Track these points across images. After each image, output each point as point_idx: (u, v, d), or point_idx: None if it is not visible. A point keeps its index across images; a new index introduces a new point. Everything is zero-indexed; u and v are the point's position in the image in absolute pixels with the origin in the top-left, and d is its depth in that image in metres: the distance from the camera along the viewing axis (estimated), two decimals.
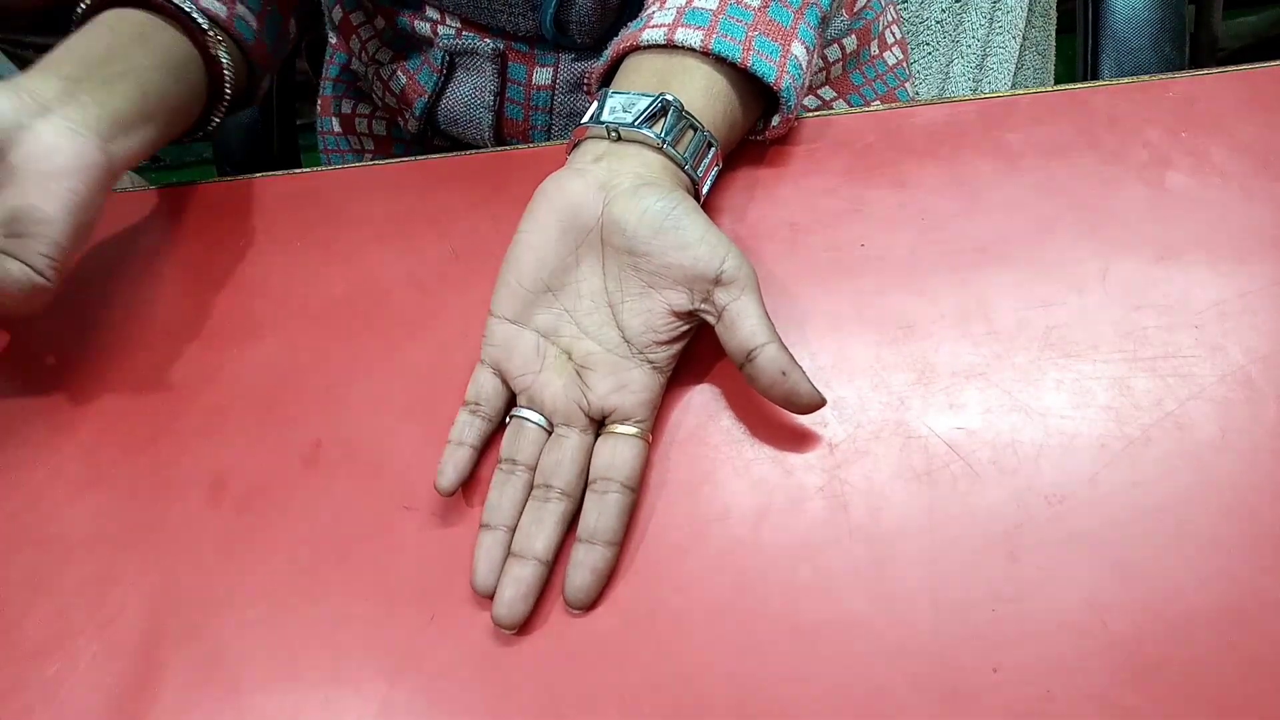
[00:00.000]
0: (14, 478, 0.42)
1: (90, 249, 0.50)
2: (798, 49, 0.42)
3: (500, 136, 0.61)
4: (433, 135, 0.66)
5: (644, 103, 0.39)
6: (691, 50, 0.41)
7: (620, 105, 0.40)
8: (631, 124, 0.39)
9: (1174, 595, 0.32)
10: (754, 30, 0.41)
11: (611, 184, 0.38)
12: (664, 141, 0.39)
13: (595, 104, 0.41)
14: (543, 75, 0.57)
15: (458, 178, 0.49)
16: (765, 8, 0.42)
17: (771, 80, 0.41)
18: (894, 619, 0.33)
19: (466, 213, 0.47)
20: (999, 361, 0.38)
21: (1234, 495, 0.34)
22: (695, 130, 0.40)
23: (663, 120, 0.39)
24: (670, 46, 0.41)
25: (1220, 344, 0.37)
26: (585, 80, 0.57)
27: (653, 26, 0.42)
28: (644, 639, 0.34)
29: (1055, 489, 0.34)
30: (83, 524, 0.40)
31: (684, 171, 0.40)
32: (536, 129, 0.60)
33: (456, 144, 0.64)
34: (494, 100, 0.58)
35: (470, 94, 0.59)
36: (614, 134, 0.40)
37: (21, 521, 0.41)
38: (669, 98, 0.39)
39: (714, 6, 0.42)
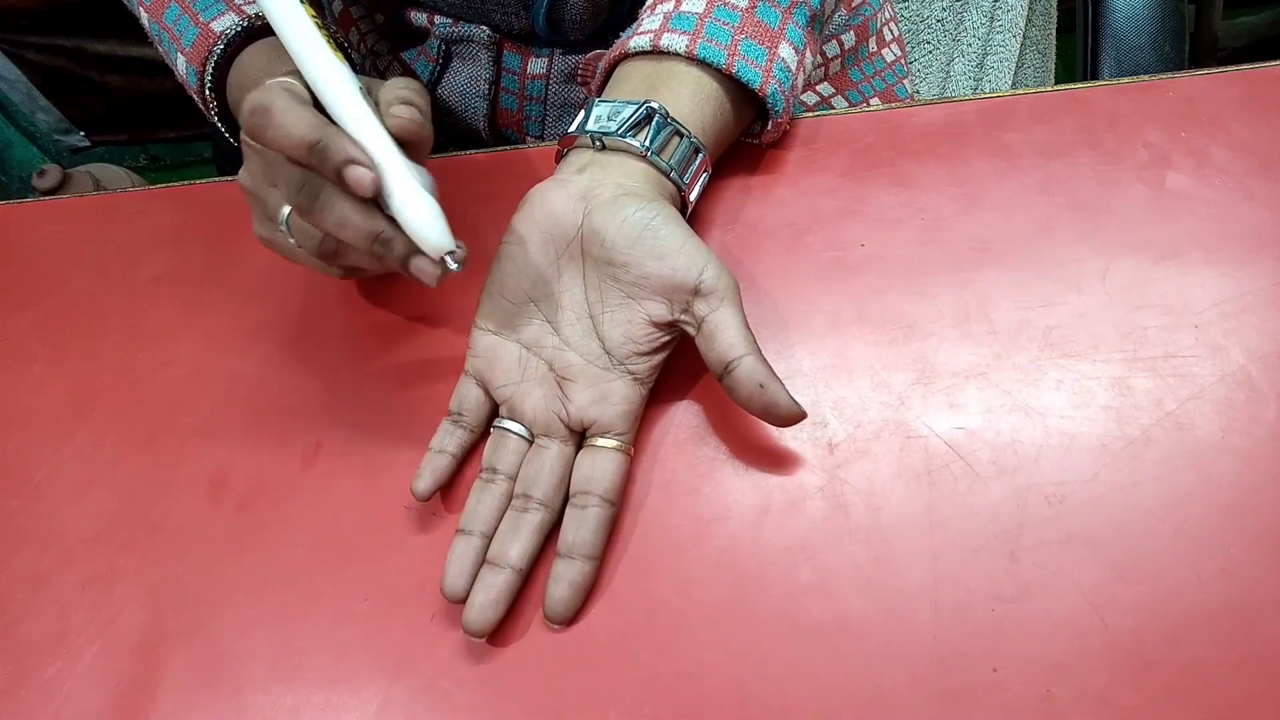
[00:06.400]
0: (14, 478, 0.42)
1: (90, 249, 0.50)
2: (785, 51, 0.42)
3: (495, 128, 0.61)
4: None
5: (629, 110, 0.39)
6: (678, 55, 0.41)
7: (605, 114, 0.40)
8: (615, 132, 0.39)
9: (1174, 595, 0.32)
10: (740, 34, 0.41)
11: (592, 194, 0.38)
12: (648, 149, 0.39)
13: (582, 113, 0.41)
14: (537, 65, 0.57)
15: (456, 178, 0.49)
16: (753, 8, 0.42)
17: (757, 86, 0.41)
18: (894, 619, 0.33)
19: (466, 213, 0.47)
20: (999, 361, 0.38)
21: (1234, 495, 0.34)
22: (681, 137, 0.40)
23: (647, 128, 0.39)
24: (657, 52, 0.41)
25: (1220, 344, 0.37)
26: (579, 71, 0.57)
27: (641, 33, 0.42)
28: (644, 639, 0.34)
29: (1055, 489, 0.34)
30: (83, 524, 0.40)
31: (669, 179, 0.39)
32: (531, 119, 0.60)
33: (452, 137, 0.64)
34: (489, 89, 0.58)
35: (466, 84, 0.59)
36: (598, 143, 0.39)
37: (21, 521, 0.41)
38: (653, 105, 0.39)
39: (700, 9, 0.42)
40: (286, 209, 0.38)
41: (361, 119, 0.35)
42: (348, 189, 0.34)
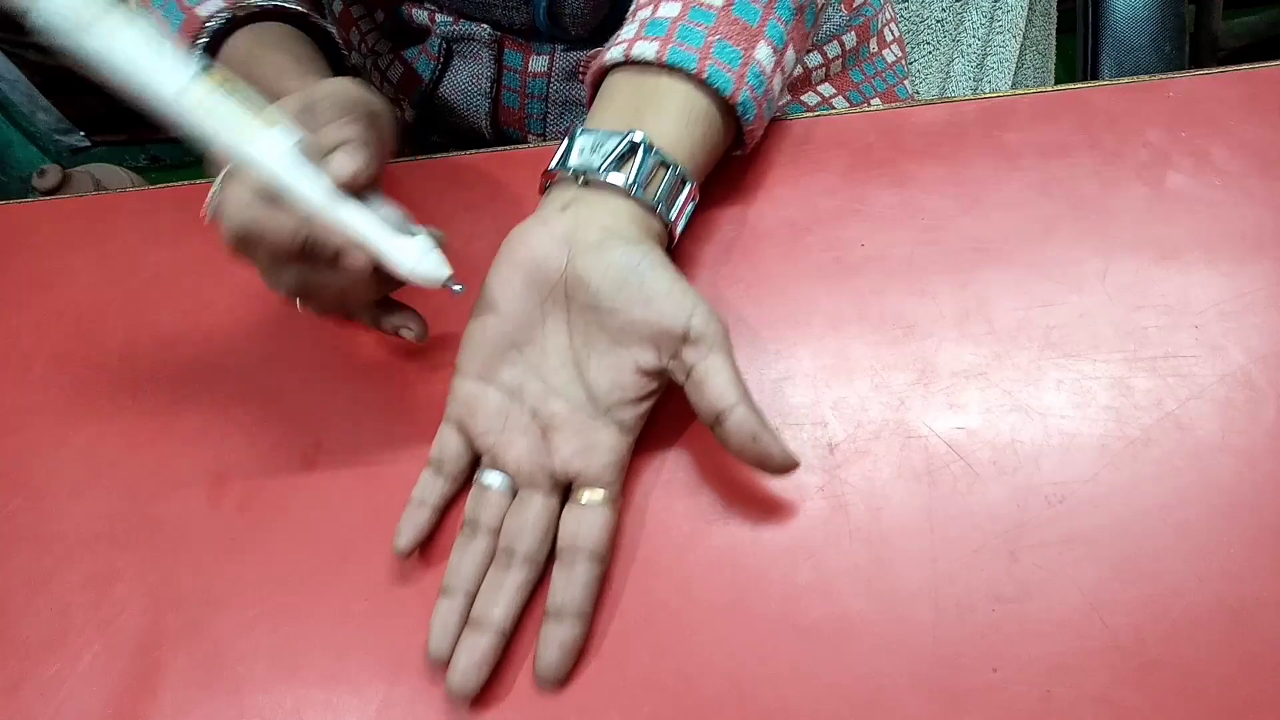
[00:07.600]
0: (14, 478, 0.42)
1: (90, 249, 0.50)
2: (762, 52, 0.40)
3: (497, 126, 0.61)
4: (430, 130, 0.66)
5: (612, 143, 0.38)
6: (657, 66, 0.39)
7: (589, 145, 0.38)
8: (598, 169, 0.37)
9: (1174, 595, 0.32)
10: (714, 35, 0.39)
11: (576, 237, 0.36)
12: (632, 187, 0.37)
13: (565, 142, 0.39)
14: (539, 63, 0.57)
15: (456, 179, 0.49)
16: (729, 6, 0.40)
17: (728, 94, 0.39)
18: (894, 619, 0.33)
19: (466, 213, 0.47)
20: (999, 361, 0.38)
21: (1234, 495, 0.34)
22: (667, 167, 0.38)
23: (632, 161, 0.37)
24: (629, 63, 0.40)
25: (1220, 344, 0.37)
26: (580, 69, 0.57)
27: (617, 44, 0.41)
28: (644, 639, 0.34)
29: (1055, 489, 0.34)
30: (83, 524, 0.40)
31: (655, 216, 0.38)
32: (533, 117, 0.60)
33: (454, 137, 0.64)
34: (491, 88, 0.58)
35: (467, 81, 0.59)
36: (581, 179, 0.38)
37: (21, 521, 0.41)
38: (637, 138, 0.37)
39: (675, 13, 0.40)
40: None
41: (311, 190, 0.33)
42: (345, 270, 0.35)
